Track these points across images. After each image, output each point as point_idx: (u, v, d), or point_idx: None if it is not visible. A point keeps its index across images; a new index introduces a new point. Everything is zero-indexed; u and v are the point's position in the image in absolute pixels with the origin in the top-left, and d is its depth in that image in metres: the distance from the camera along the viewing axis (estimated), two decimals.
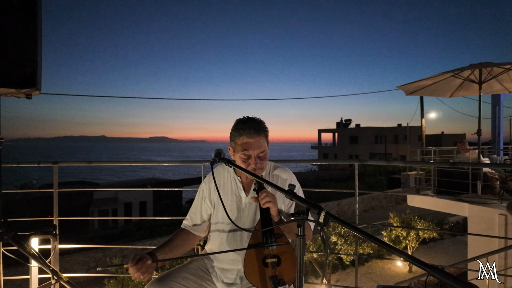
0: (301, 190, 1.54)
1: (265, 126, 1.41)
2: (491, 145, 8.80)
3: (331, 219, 0.85)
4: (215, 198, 1.49)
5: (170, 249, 1.38)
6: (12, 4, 1.75)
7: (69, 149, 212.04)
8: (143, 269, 1.19)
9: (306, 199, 0.95)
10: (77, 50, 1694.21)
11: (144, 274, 1.19)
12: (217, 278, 1.42)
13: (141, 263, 1.20)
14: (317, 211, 0.85)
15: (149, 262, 1.22)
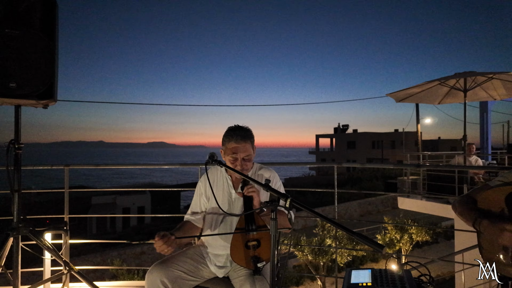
0: (282, 187, 1.80)
1: (251, 134, 1.68)
2: (479, 150, 9.10)
3: (295, 205, 1.11)
4: (210, 194, 1.76)
5: (183, 232, 1.64)
6: (34, 26, 2.02)
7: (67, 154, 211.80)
8: (168, 242, 1.43)
9: (277, 190, 1.21)
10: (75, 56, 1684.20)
11: (168, 247, 1.43)
12: (211, 262, 1.67)
13: (166, 238, 1.43)
14: (284, 198, 1.11)
15: (173, 238, 1.46)
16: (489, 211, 1.36)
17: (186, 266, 1.59)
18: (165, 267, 1.52)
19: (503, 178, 1.43)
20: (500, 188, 1.36)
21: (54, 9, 2.13)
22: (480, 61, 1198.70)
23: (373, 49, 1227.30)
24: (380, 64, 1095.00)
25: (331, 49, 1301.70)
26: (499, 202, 1.33)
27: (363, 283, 1.45)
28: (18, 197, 2.17)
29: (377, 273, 1.53)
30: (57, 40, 2.13)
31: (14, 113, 2.17)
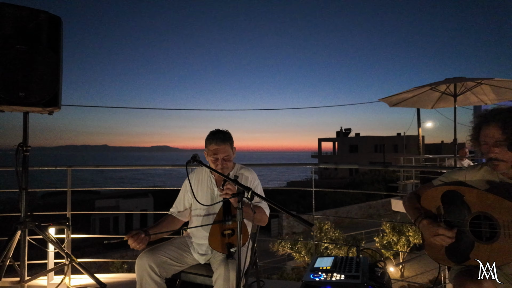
0: (260, 186, 2.01)
1: (230, 136, 1.91)
2: (474, 153, 9.23)
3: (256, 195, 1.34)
4: (194, 190, 1.98)
5: (159, 229, 1.88)
6: (42, 42, 2.27)
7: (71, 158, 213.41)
8: (138, 240, 1.67)
9: (242, 184, 1.43)
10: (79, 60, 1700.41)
11: (139, 244, 1.67)
12: (194, 250, 1.89)
13: (136, 236, 1.68)
14: (248, 191, 1.34)
15: (143, 236, 1.70)
16: (429, 210, 1.54)
17: (172, 253, 1.81)
18: (152, 253, 1.74)
19: (444, 178, 1.62)
20: (439, 188, 1.54)
21: (59, 25, 2.39)
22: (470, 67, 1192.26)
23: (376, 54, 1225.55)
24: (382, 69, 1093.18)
25: (334, 54, 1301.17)
26: (436, 200, 1.52)
27: (324, 267, 1.67)
28: (26, 194, 2.41)
29: (338, 260, 1.75)
30: (61, 53, 2.39)
31: (23, 119, 2.42)
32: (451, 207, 1.48)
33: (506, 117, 1.39)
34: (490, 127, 1.41)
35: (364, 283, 1.46)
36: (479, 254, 1.37)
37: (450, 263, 1.45)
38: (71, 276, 2.76)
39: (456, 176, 1.57)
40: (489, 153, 1.42)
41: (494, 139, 1.39)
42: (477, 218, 1.42)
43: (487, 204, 1.39)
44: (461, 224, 1.44)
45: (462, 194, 1.46)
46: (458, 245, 1.43)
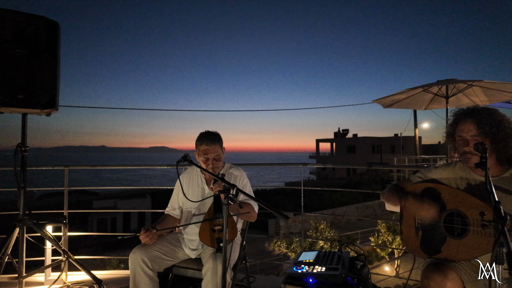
0: (248, 184, 2.11)
1: (220, 137, 2.00)
2: None
3: (240, 192, 1.44)
4: (186, 190, 2.08)
5: (163, 225, 2.04)
6: (40, 46, 2.36)
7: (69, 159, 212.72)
8: (151, 235, 1.82)
9: (228, 182, 1.52)
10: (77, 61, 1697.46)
11: (152, 239, 1.84)
12: (186, 246, 1.99)
13: (148, 232, 1.82)
14: (233, 187, 1.44)
15: (154, 231, 1.85)
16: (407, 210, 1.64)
17: (164, 249, 1.90)
18: (145, 248, 1.84)
19: (422, 176, 1.71)
20: (419, 184, 1.64)
21: (56, 30, 2.47)
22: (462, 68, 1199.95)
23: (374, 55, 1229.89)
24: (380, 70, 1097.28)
25: (332, 55, 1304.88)
26: None
27: (307, 260, 1.77)
28: (24, 193, 2.49)
29: (321, 254, 1.85)
30: (59, 57, 2.47)
31: (21, 120, 2.50)
32: None
33: (481, 114, 1.48)
34: (466, 123, 1.49)
35: (343, 274, 1.56)
36: (449, 248, 1.47)
37: (424, 255, 1.55)
38: (68, 272, 2.84)
39: (433, 173, 1.66)
40: (464, 147, 1.49)
41: (469, 134, 1.47)
42: (451, 215, 1.51)
43: (460, 201, 1.48)
44: (436, 220, 1.53)
45: (439, 191, 1.55)
46: (432, 239, 1.53)
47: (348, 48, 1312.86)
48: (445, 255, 1.47)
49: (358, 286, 1.58)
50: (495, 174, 1.50)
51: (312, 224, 10.33)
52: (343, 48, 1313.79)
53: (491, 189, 1.14)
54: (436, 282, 1.35)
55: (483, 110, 1.51)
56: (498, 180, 1.48)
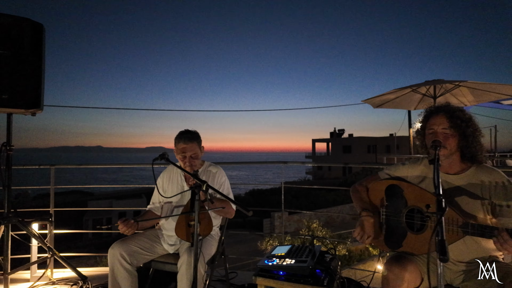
0: (227, 182, 2.18)
1: (198, 136, 2.07)
2: None
3: (210, 188, 1.51)
4: (166, 187, 2.15)
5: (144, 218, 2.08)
6: (24, 48, 2.41)
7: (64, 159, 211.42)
8: (128, 225, 1.86)
9: (200, 178, 1.59)
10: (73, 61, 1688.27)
11: (129, 229, 1.87)
12: (164, 241, 2.06)
13: (127, 221, 1.86)
14: (203, 184, 1.51)
15: (132, 221, 1.90)
16: (375, 201, 1.71)
17: (143, 244, 1.97)
18: (124, 243, 1.90)
19: (389, 172, 1.78)
20: (384, 181, 1.71)
21: (41, 32, 2.53)
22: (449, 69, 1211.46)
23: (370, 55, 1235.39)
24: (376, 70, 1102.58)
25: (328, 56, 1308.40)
26: (381, 192, 1.69)
27: (279, 253, 1.84)
28: (9, 191, 2.54)
29: (294, 248, 1.92)
30: (43, 58, 2.53)
31: (6, 120, 2.55)
32: (392, 199, 1.65)
33: (453, 109, 1.56)
34: (438, 117, 1.56)
35: (310, 266, 1.63)
36: (409, 243, 1.54)
37: (387, 249, 1.63)
38: (54, 269, 2.89)
39: (400, 170, 1.73)
40: (434, 138, 1.51)
41: (441, 127, 1.53)
42: (411, 211, 1.58)
43: (419, 198, 1.54)
44: (398, 216, 1.60)
45: (402, 188, 1.62)
46: (394, 234, 1.61)
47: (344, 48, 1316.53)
48: (406, 249, 1.54)
49: (325, 277, 1.66)
50: (458, 171, 1.56)
51: (305, 223, 10.42)
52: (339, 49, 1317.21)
53: (438, 183, 1.21)
54: (395, 273, 1.42)
55: (454, 107, 1.59)
56: (461, 176, 1.54)
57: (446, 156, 1.54)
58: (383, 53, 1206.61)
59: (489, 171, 1.51)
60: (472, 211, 1.46)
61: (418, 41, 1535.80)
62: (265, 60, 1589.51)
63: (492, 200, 1.45)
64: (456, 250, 1.47)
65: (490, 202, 1.45)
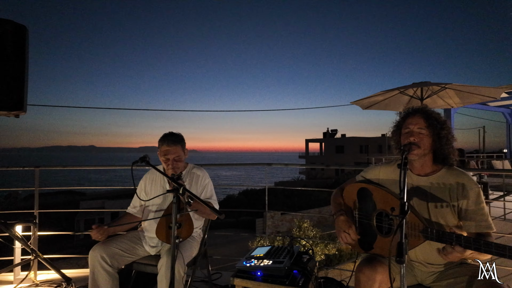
0: (210, 184, 2.20)
1: (181, 138, 2.09)
2: None
3: (187, 192, 1.54)
4: (148, 189, 2.17)
5: (120, 222, 2.09)
6: (7, 51, 2.41)
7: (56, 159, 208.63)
8: (101, 231, 1.87)
9: (178, 182, 1.62)
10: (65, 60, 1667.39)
11: (102, 235, 1.88)
12: (146, 243, 2.08)
13: (100, 228, 1.87)
14: (180, 187, 1.54)
15: (105, 227, 1.91)
16: (349, 203, 1.75)
17: (124, 246, 1.99)
18: (105, 245, 1.92)
19: (365, 174, 1.81)
20: (355, 184, 1.75)
21: (24, 34, 2.52)
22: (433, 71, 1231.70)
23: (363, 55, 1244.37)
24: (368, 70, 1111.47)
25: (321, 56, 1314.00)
26: (354, 195, 1.73)
27: (258, 254, 1.88)
28: None
29: (273, 249, 1.96)
30: (27, 60, 2.52)
31: None
32: (363, 202, 1.69)
33: (430, 111, 1.61)
34: (415, 117, 1.60)
35: (286, 267, 1.67)
36: (379, 245, 1.58)
37: (361, 250, 1.67)
38: (39, 271, 2.89)
39: (373, 172, 1.76)
40: (409, 137, 1.55)
41: (417, 126, 1.56)
42: (380, 214, 1.61)
43: (387, 202, 1.57)
44: (369, 219, 1.65)
45: (371, 192, 1.65)
46: (367, 236, 1.65)
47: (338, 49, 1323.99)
48: (377, 251, 1.58)
49: (301, 277, 1.70)
50: (429, 172, 1.60)
51: (296, 222, 10.47)
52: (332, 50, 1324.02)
53: (403, 186, 1.26)
54: (366, 275, 1.47)
55: (431, 110, 1.64)
56: (431, 178, 1.58)
57: (420, 157, 1.57)
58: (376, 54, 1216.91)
59: (458, 174, 1.55)
60: (441, 212, 1.51)
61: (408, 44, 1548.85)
62: (260, 61, 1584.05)
63: (458, 203, 1.50)
64: (424, 252, 1.53)
65: (457, 204, 1.51)
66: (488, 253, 1.14)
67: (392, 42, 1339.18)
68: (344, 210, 1.71)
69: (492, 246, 1.13)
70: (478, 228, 1.47)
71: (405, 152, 1.43)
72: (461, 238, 1.21)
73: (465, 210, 1.49)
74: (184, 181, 2.08)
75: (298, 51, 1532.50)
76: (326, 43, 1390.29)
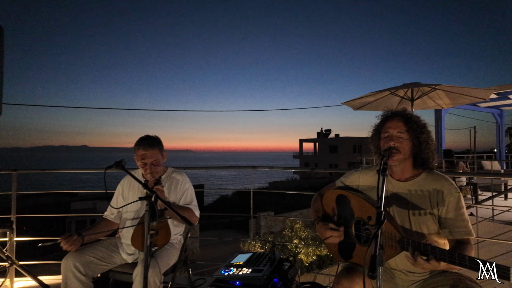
0: (190, 188, 2.14)
1: (158, 141, 2.02)
2: None
3: (159, 200, 1.48)
4: (125, 194, 2.10)
5: (94, 230, 2.00)
6: None
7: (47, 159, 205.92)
8: (70, 241, 1.78)
9: (150, 189, 1.55)
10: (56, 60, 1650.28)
11: (72, 245, 1.78)
12: (123, 250, 2.00)
13: (69, 238, 1.78)
14: (153, 194, 1.48)
15: (75, 237, 1.81)
16: (328, 210, 1.70)
17: (99, 253, 1.91)
18: (78, 253, 1.84)
19: (344, 180, 1.75)
20: (335, 191, 1.69)
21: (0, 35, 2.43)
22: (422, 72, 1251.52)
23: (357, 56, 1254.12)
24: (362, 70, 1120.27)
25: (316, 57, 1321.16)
26: (332, 201, 1.67)
27: (238, 262, 1.82)
28: None
29: (254, 256, 1.91)
30: (2, 61, 2.43)
31: None
32: (342, 210, 1.64)
33: (409, 115, 1.57)
34: (394, 121, 1.55)
35: (264, 276, 1.62)
36: (358, 254, 1.53)
37: (341, 259, 1.62)
38: (16, 278, 2.79)
39: (352, 177, 1.72)
40: (389, 142, 1.51)
41: (397, 130, 1.52)
42: (358, 223, 1.56)
43: (364, 210, 1.52)
44: (348, 227, 1.59)
45: (349, 199, 1.59)
46: (346, 245, 1.59)
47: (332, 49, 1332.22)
48: (355, 261, 1.53)
49: (281, 286, 1.65)
50: (409, 177, 1.56)
51: (288, 223, 10.46)
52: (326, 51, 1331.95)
53: (381, 195, 1.21)
54: (344, 286, 1.42)
55: (410, 113, 1.60)
56: (411, 183, 1.54)
57: (400, 162, 1.53)
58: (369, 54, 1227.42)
59: (438, 179, 1.52)
60: (422, 220, 1.47)
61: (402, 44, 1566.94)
62: (255, 62, 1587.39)
63: (438, 208, 1.47)
64: (405, 260, 1.48)
65: (437, 210, 1.47)
66: (462, 266, 1.10)
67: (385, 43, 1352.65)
68: (323, 217, 1.66)
69: (466, 260, 1.09)
70: (458, 234, 1.44)
71: (384, 158, 1.39)
72: (436, 251, 1.16)
73: (445, 215, 1.45)
74: (164, 186, 2.02)
75: (292, 52, 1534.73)
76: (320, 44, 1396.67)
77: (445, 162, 7.23)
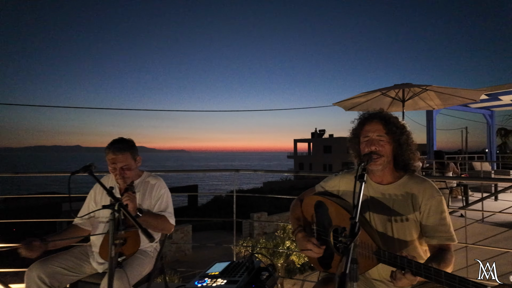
0: (167, 193, 2.04)
1: (130, 145, 1.92)
2: (426, 155, 9.73)
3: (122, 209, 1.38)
4: (98, 199, 1.99)
5: (60, 237, 1.88)
6: None
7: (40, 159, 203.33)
8: (30, 247, 1.65)
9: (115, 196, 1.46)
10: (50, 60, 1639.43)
11: (31, 252, 1.66)
12: (93, 259, 1.90)
13: (30, 244, 1.66)
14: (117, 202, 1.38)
15: (37, 243, 1.69)
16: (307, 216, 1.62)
17: (67, 263, 1.80)
18: (43, 264, 1.73)
19: (324, 185, 1.67)
20: (313, 197, 1.61)
21: None
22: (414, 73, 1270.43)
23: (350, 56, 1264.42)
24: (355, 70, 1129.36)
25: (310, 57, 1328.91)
26: (311, 208, 1.59)
27: (214, 272, 1.73)
28: None
29: (232, 265, 1.81)
30: None
31: None
32: (320, 217, 1.55)
33: (387, 116, 1.49)
34: (373, 123, 1.48)
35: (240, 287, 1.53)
36: (336, 264, 1.44)
37: (321, 268, 1.54)
38: None
39: (332, 182, 1.64)
40: (370, 146, 1.44)
41: (376, 134, 1.45)
42: (336, 231, 1.48)
43: (342, 218, 1.44)
44: (326, 235, 1.51)
45: (327, 206, 1.51)
46: (325, 254, 1.50)
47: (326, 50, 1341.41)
48: (334, 271, 1.45)
49: None
50: (390, 181, 1.49)
51: (280, 224, 10.39)
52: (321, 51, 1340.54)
53: (357, 203, 1.13)
54: None
55: (388, 114, 1.52)
56: (393, 186, 1.48)
57: (383, 165, 1.46)
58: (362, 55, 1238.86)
59: (420, 182, 1.46)
60: (405, 226, 1.41)
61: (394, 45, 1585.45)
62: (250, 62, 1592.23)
63: (420, 211, 1.40)
64: (386, 269, 1.41)
65: (419, 214, 1.41)
66: (438, 283, 1.03)
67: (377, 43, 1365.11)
68: (303, 226, 1.58)
69: (442, 276, 1.01)
70: (439, 240, 1.38)
71: (364, 163, 1.31)
72: (412, 264, 1.09)
73: (426, 220, 1.39)
74: (138, 191, 1.92)
75: (287, 52, 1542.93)
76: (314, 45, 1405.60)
77: (435, 163, 7.21)
